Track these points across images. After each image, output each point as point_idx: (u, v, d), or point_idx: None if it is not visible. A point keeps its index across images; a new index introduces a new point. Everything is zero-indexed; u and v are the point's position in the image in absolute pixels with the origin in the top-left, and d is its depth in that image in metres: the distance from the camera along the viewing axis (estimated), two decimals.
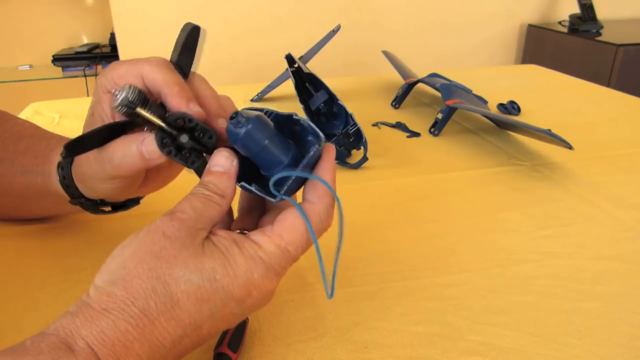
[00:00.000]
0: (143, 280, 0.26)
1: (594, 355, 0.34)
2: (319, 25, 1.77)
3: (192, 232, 0.28)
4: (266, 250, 0.29)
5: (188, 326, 0.26)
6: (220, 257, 0.28)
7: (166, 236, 0.27)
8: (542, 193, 0.57)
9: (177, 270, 0.27)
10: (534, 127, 0.65)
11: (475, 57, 2.28)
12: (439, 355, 0.35)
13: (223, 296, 0.27)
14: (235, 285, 0.28)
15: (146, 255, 0.27)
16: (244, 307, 0.29)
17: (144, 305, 0.26)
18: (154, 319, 0.26)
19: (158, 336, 0.26)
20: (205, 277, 0.27)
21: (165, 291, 0.26)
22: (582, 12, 2.04)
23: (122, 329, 0.25)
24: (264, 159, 0.31)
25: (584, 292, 0.41)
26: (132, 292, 0.26)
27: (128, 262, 0.27)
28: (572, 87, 1.04)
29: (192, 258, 0.27)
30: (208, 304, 0.27)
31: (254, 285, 0.28)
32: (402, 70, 0.95)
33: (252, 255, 0.29)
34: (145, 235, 0.28)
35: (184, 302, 0.26)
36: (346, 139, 0.65)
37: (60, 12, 2.24)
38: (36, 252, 0.47)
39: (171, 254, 0.27)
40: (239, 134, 0.30)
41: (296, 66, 0.76)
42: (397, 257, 0.46)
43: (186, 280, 0.27)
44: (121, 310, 0.25)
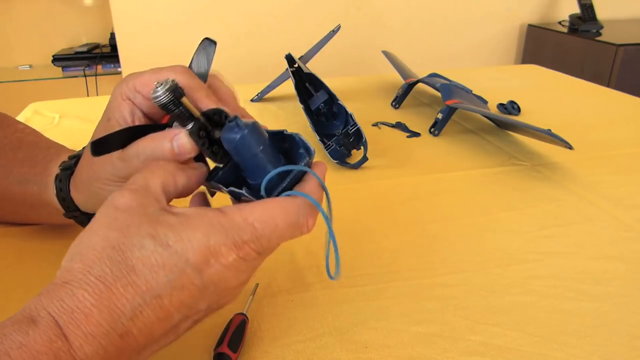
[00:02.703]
0: (97, 250, 0.26)
1: (594, 355, 0.34)
2: (319, 25, 1.77)
3: (144, 201, 0.28)
4: (229, 218, 0.28)
5: (146, 292, 0.26)
6: (175, 223, 0.28)
7: (117, 208, 0.28)
8: (542, 193, 0.57)
9: (131, 238, 0.27)
10: (534, 127, 0.65)
11: (475, 57, 2.28)
12: (439, 355, 0.35)
13: (177, 260, 0.27)
14: (190, 249, 0.27)
15: (99, 228, 0.27)
16: (203, 277, 0.27)
17: (100, 272, 0.26)
18: (110, 284, 0.26)
19: (116, 302, 0.26)
20: (158, 243, 0.27)
21: (120, 258, 0.26)
22: (582, 12, 2.04)
23: (79, 297, 0.25)
24: (254, 167, 0.32)
25: (584, 292, 0.41)
26: (87, 263, 0.26)
27: (83, 238, 0.28)
28: (572, 87, 1.04)
29: (144, 225, 0.27)
30: (164, 269, 0.27)
31: (211, 252, 0.27)
32: (402, 70, 0.95)
33: (212, 222, 0.28)
34: (98, 211, 0.28)
35: (140, 268, 0.26)
36: (346, 139, 0.65)
37: (60, 12, 2.24)
38: (36, 252, 0.47)
39: (123, 224, 0.27)
40: (235, 138, 0.30)
41: (296, 66, 0.76)
42: (397, 257, 0.46)
43: (140, 246, 0.27)
44: (78, 280, 0.26)
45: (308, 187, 0.31)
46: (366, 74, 1.26)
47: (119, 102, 0.36)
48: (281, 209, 0.29)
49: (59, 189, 0.42)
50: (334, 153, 0.64)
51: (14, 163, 0.45)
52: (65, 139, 0.75)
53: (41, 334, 0.24)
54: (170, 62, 1.06)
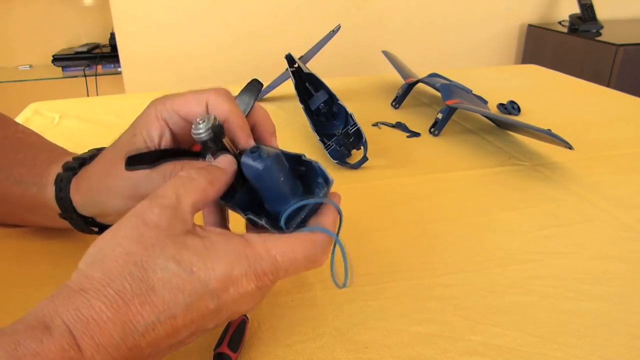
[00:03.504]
0: (120, 263, 0.26)
1: (594, 355, 0.34)
2: (319, 25, 1.77)
3: (173, 220, 0.28)
4: (254, 250, 0.29)
5: (162, 313, 0.26)
6: (201, 250, 0.28)
7: (145, 223, 0.28)
8: (542, 193, 0.57)
9: (155, 258, 0.27)
10: (534, 127, 0.65)
11: (475, 57, 2.28)
12: (439, 355, 0.35)
13: (199, 287, 0.27)
14: (212, 277, 0.28)
15: (124, 240, 0.27)
16: (219, 302, 0.28)
17: (119, 287, 0.26)
18: (128, 301, 0.26)
19: (131, 318, 0.26)
20: (182, 268, 0.27)
21: (142, 276, 0.26)
22: (582, 12, 2.04)
23: (96, 308, 0.25)
24: (273, 195, 0.32)
25: (584, 292, 0.41)
26: (108, 274, 0.26)
27: (106, 246, 0.27)
28: (572, 87, 1.04)
29: (170, 248, 0.27)
30: (183, 293, 0.27)
31: (232, 281, 0.28)
32: (402, 70, 0.95)
33: (237, 251, 0.29)
34: (125, 220, 0.28)
35: (159, 288, 0.26)
36: (346, 139, 0.65)
37: (60, 12, 2.24)
38: (36, 252, 0.47)
39: (149, 242, 0.27)
40: (257, 168, 0.31)
41: (296, 66, 0.76)
42: (397, 257, 0.46)
43: (162, 267, 0.27)
44: (97, 290, 0.26)
45: (326, 220, 0.33)
46: (366, 74, 1.26)
47: (151, 120, 0.36)
48: (302, 244, 0.30)
49: (58, 189, 0.42)
50: (334, 153, 0.64)
51: (14, 163, 0.45)
52: (65, 139, 0.75)
53: (55, 343, 0.24)
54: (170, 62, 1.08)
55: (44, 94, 1.60)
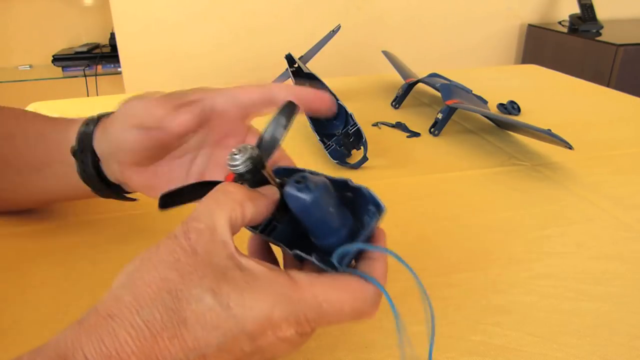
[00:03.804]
0: (153, 290, 0.24)
1: (594, 355, 0.34)
2: (319, 25, 1.77)
3: (211, 246, 0.26)
4: (300, 293, 0.26)
5: (192, 351, 0.24)
6: (242, 284, 0.25)
7: (183, 248, 0.26)
8: (542, 193, 0.57)
9: (191, 287, 0.25)
10: (534, 127, 0.65)
11: (475, 57, 2.28)
12: (439, 355, 0.35)
13: (234, 326, 0.25)
14: (251, 317, 0.25)
15: (160, 264, 0.25)
16: (254, 345, 0.26)
17: (149, 316, 0.24)
18: (156, 333, 0.24)
19: (158, 354, 0.24)
20: (218, 301, 0.25)
21: (174, 307, 0.24)
22: (582, 12, 2.04)
23: (121, 340, 0.23)
24: (321, 228, 0.29)
25: (584, 292, 0.41)
26: (139, 300, 0.24)
27: (142, 267, 0.25)
28: (572, 87, 1.04)
29: (208, 278, 0.25)
30: (217, 331, 0.24)
31: (271, 325, 0.25)
32: (402, 70, 0.95)
33: (281, 291, 0.26)
34: (163, 244, 0.26)
35: (192, 323, 0.24)
36: (346, 139, 0.65)
37: (60, 12, 2.25)
38: (36, 252, 0.47)
39: (186, 270, 0.25)
40: (305, 199, 0.28)
41: (296, 66, 0.76)
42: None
43: (198, 299, 0.24)
44: (124, 317, 0.24)
45: (378, 266, 0.30)
46: (366, 73, 1.26)
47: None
48: (351, 295, 0.28)
49: (85, 124, 0.42)
50: (334, 153, 0.64)
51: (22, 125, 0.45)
52: None
53: None
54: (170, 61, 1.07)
55: (44, 94, 1.60)
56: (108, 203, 0.55)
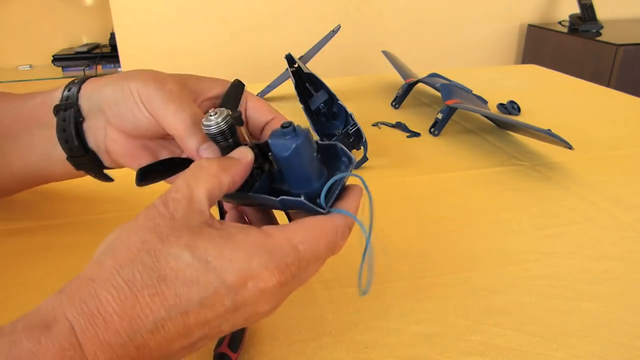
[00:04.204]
0: (132, 251, 0.25)
1: (593, 356, 0.34)
2: (319, 25, 1.77)
3: (188, 212, 0.27)
4: (275, 240, 0.27)
5: (173, 307, 0.25)
6: (218, 239, 0.26)
7: (161, 214, 0.26)
8: (542, 193, 0.57)
9: (169, 247, 0.25)
10: (534, 127, 0.65)
11: (475, 57, 2.28)
12: (439, 355, 0.35)
13: (213, 279, 0.25)
14: (230, 269, 0.26)
15: (139, 228, 0.26)
16: (236, 299, 0.26)
17: (129, 276, 0.24)
18: (137, 291, 0.24)
19: (139, 312, 0.24)
20: (197, 257, 0.25)
21: (153, 265, 0.25)
22: (582, 12, 2.04)
23: (102, 299, 0.24)
24: (302, 174, 0.30)
25: (584, 292, 0.41)
26: (119, 261, 0.25)
27: (121, 234, 0.26)
28: (572, 87, 1.04)
29: (185, 237, 0.26)
30: (197, 286, 0.25)
31: (251, 275, 0.26)
32: (402, 70, 0.95)
33: (257, 242, 0.27)
34: (142, 213, 0.27)
35: (172, 279, 0.25)
36: (346, 139, 0.65)
37: (60, 12, 2.25)
38: (36, 251, 0.47)
39: (164, 232, 0.26)
40: (291, 145, 0.29)
41: (296, 66, 0.76)
42: (396, 257, 0.46)
43: (176, 257, 0.25)
44: (105, 279, 0.24)
45: (350, 204, 0.31)
46: (366, 73, 1.26)
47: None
48: (324, 230, 0.29)
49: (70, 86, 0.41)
50: None
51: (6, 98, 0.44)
52: None
53: (54, 342, 0.23)
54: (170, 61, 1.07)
55: None
56: (108, 203, 0.55)
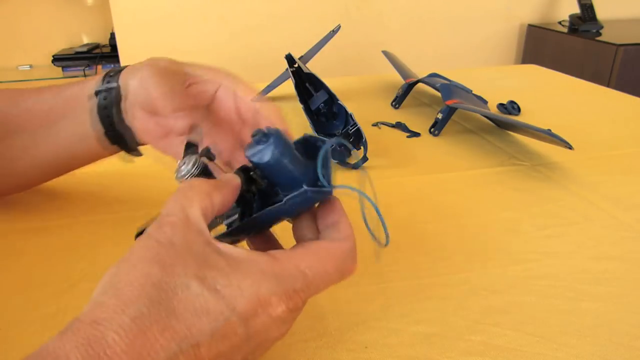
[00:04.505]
0: (136, 287, 0.24)
1: (593, 356, 0.34)
2: (319, 25, 1.77)
3: (188, 235, 0.26)
4: (281, 266, 0.27)
5: (184, 340, 0.23)
6: (224, 267, 0.25)
7: (160, 243, 0.25)
8: (542, 193, 0.57)
9: (175, 278, 0.24)
10: (534, 127, 0.65)
11: (475, 57, 2.28)
12: (439, 355, 0.35)
13: (224, 308, 0.25)
14: (239, 296, 0.25)
15: (139, 262, 0.25)
16: (249, 329, 0.25)
17: (136, 312, 0.23)
18: (146, 328, 0.23)
19: (150, 349, 0.23)
20: (205, 286, 0.24)
21: (161, 298, 0.24)
22: (582, 12, 2.04)
23: (109, 340, 0.22)
24: (289, 177, 0.30)
25: (584, 292, 0.41)
26: (123, 300, 0.23)
27: (120, 270, 0.25)
28: (572, 87, 1.04)
29: (191, 266, 0.25)
30: (208, 316, 0.24)
31: (260, 302, 0.25)
32: (402, 70, 0.95)
33: (264, 269, 0.26)
34: (138, 244, 0.26)
35: (181, 311, 0.24)
36: (346, 139, 0.65)
37: (60, 12, 2.24)
38: (36, 252, 0.47)
39: (167, 262, 0.25)
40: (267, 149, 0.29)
41: (296, 66, 0.76)
42: (397, 257, 0.46)
43: (184, 288, 0.24)
44: (110, 319, 0.23)
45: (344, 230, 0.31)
46: (366, 73, 1.26)
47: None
48: (330, 254, 0.29)
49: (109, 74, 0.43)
50: (334, 153, 0.64)
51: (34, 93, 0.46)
52: None
53: None
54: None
55: None
56: (108, 203, 0.55)
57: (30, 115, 0.46)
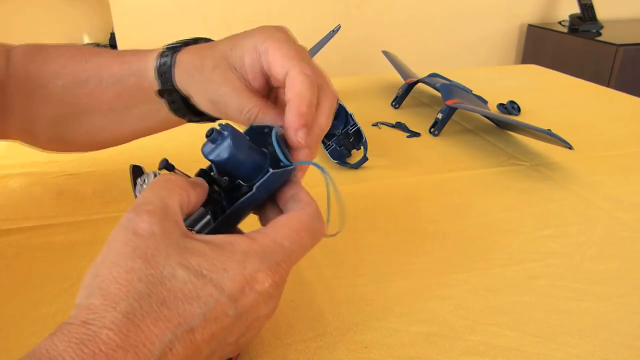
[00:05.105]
0: (122, 284, 0.24)
1: (593, 356, 0.34)
2: (319, 25, 1.77)
3: (166, 225, 0.26)
4: (260, 243, 0.28)
5: (178, 327, 0.24)
6: (207, 252, 0.26)
7: (137, 234, 0.25)
8: (542, 193, 0.57)
9: (160, 268, 0.24)
10: (534, 127, 0.65)
11: (475, 57, 2.28)
12: (439, 355, 0.35)
13: (213, 290, 0.25)
14: (226, 278, 0.25)
15: (119, 258, 0.24)
16: (238, 308, 0.26)
17: (127, 307, 0.23)
18: (139, 321, 0.23)
19: (145, 341, 0.23)
20: (192, 272, 0.25)
21: (150, 291, 0.24)
22: (582, 12, 2.04)
23: (103, 337, 0.22)
24: (250, 167, 0.31)
25: (584, 292, 0.41)
26: (111, 298, 0.23)
27: (100, 270, 0.24)
28: (572, 87, 1.04)
29: (173, 254, 0.25)
30: (198, 300, 0.24)
31: (247, 280, 0.26)
32: (402, 70, 0.95)
33: (245, 248, 0.27)
34: (113, 238, 0.26)
35: (171, 300, 0.24)
36: (346, 139, 0.65)
37: (60, 12, 2.25)
38: (36, 252, 0.47)
39: (148, 253, 0.25)
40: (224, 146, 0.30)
41: None
42: (397, 257, 0.46)
43: (171, 277, 0.24)
44: (102, 318, 0.22)
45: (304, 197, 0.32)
46: (366, 73, 1.26)
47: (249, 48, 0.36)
48: (300, 221, 0.30)
49: (161, 64, 0.41)
50: (334, 153, 0.64)
51: (100, 69, 0.45)
52: None
53: None
54: None
55: None
56: (108, 203, 0.55)
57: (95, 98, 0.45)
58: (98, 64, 0.45)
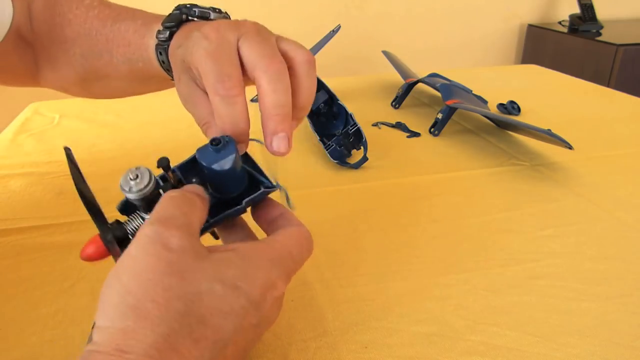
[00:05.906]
0: (160, 303, 0.22)
1: (594, 356, 0.35)
2: (319, 25, 1.77)
3: (194, 241, 0.26)
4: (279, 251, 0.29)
5: (214, 345, 0.23)
6: (238, 262, 0.26)
7: (169, 249, 0.24)
8: (542, 193, 0.57)
9: (197, 284, 0.24)
10: (534, 127, 0.65)
11: (475, 57, 2.28)
12: (439, 355, 0.35)
13: (244, 301, 0.25)
14: (255, 287, 0.25)
15: (154, 275, 0.23)
16: (260, 314, 0.26)
17: (167, 330, 0.22)
18: (180, 345, 0.22)
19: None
20: (227, 285, 0.24)
21: (189, 310, 0.23)
22: (582, 12, 2.04)
23: None
24: (237, 178, 0.32)
25: (584, 292, 0.41)
26: (150, 319, 0.22)
27: (133, 288, 0.23)
28: (572, 87, 1.04)
29: (209, 269, 0.25)
30: (231, 315, 0.24)
31: (268, 287, 0.26)
32: (402, 70, 0.95)
33: (269, 256, 0.27)
34: (142, 253, 0.24)
35: (209, 318, 0.23)
36: (346, 139, 0.65)
37: None
38: (36, 252, 0.47)
39: (183, 268, 0.24)
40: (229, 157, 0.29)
41: None
42: (397, 257, 0.46)
43: (209, 292, 0.24)
44: (140, 342, 0.21)
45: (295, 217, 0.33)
46: (366, 73, 1.26)
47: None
48: (301, 236, 0.31)
49: (161, 62, 0.42)
50: (334, 153, 0.64)
51: (110, 45, 0.46)
52: (65, 139, 0.75)
53: None
54: None
55: (44, 94, 1.60)
56: (108, 203, 0.55)
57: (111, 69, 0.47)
58: (106, 38, 0.46)
